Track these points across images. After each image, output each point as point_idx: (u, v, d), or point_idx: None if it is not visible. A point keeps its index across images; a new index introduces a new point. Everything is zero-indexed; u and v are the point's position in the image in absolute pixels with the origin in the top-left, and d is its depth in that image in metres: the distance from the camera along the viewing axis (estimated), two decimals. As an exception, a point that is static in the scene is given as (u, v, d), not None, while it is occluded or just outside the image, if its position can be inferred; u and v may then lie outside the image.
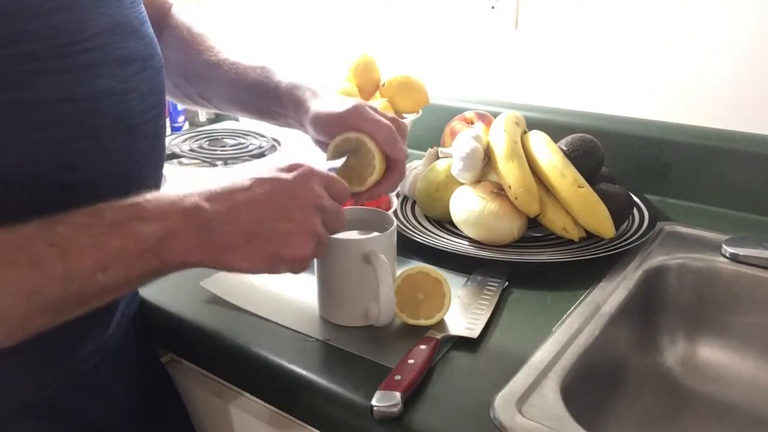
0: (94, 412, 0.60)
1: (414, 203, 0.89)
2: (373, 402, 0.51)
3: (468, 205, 0.77)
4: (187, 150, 1.14)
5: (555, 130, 0.86)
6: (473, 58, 1.11)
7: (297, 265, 0.50)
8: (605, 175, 0.84)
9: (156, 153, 0.58)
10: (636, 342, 0.73)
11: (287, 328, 0.63)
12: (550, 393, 0.53)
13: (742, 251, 0.73)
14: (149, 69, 0.56)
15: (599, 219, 0.75)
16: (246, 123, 1.27)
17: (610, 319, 0.64)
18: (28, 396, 0.54)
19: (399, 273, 0.63)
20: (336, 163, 0.58)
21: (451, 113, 1.03)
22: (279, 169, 0.51)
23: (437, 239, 0.79)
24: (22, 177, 0.47)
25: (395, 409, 0.50)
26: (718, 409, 0.70)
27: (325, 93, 0.62)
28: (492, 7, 1.05)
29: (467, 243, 0.78)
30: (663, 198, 0.94)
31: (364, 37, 1.23)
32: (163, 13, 0.74)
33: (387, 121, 0.59)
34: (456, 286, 0.68)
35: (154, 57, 0.57)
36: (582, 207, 0.75)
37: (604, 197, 0.76)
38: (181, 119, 1.31)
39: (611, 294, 0.69)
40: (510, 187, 0.75)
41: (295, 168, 0.51)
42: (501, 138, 0.79)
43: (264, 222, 0.47)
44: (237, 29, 1.42)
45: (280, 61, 0.68)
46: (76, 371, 0.57)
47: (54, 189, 0.48)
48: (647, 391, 0.72)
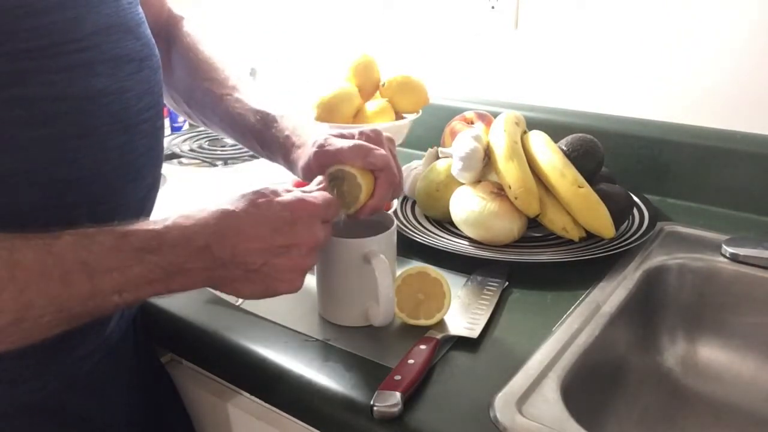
0: (93, 411, 0.60)
1: (414, 203, 0.89)
2: (373, 402, 0.51)
3: (468, 205, 0.77)
4: (187, 150, 1.14)
5: (555, 130, 0.86)
6: (473, 58, 1.11)
7: (287, 293, 0.54)
8: (605, 175, 0.84)
9: (154, 152, 0.58)
10: (636, 342, 0.73)
11: (287, 328, 0.63)
12: (550, 393, 0.53)
13: (742, 251, 0.74)
14: (146, 69, 0.56)
15: (599, 219, 0.75)
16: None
17: (610, 319, 0.64)
18: (27, 395, 0.54)
19: (399, 273, 0.63)
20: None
21: (451, 113, 1.03)
22: (283, 207, 0.51)
23: (437, 239, 0.79)
24: (18, 175, 0.47)
25: (395, 409, 0.50)
26: (718, 409, 0.70)
27: (309, 140, 0.63)
28: (492, 7, 1.05)
29: (467, 243, 0.78)
30: (663, 198, 0.94)
31: (364, 37, 1.23)
32: (172, 26, 0.74)
33: (350, 143, 0.59)
34: (456, 286, 0.68)
35: (151, 57, 0.57)
36: (582, 207, 0.75)
37: (604, 197, 0.76)
38: (181, 119, 1.31)
39: (611, 294, 0.69)
40: (510, 187, 0.75)
41: (300, 208, 0.52)
42: (501, 138, 0.79)
43: (266, 261, 0.51)
44: (237, 30, 1.41)
45: (279, 102, 0.68)
46: (75, 371, 0.57)
47: (51, 187, 0.49)
48: (647, 391, 0.72)
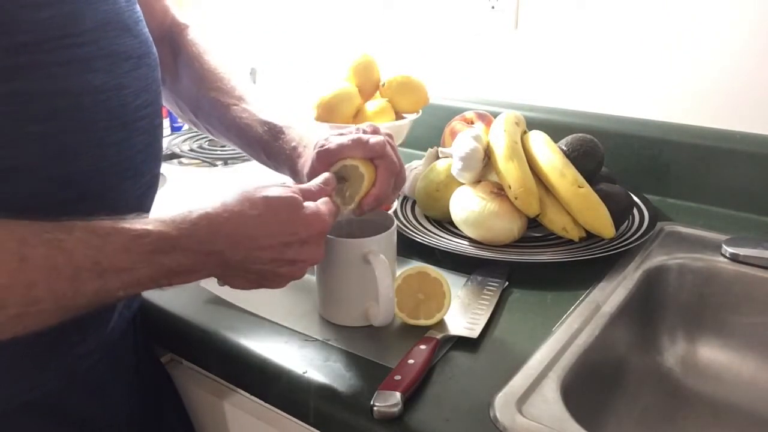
0: (93, 411, 0.60)
1: (414, 203, 0.89)
2: (373, 402, 0.51)
3: (468, 205, 0.77)
4: (187, 150, 1.14)
5: (555, 130, 0.86)
6: (473, 58, 1.11)
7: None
8: (605, 175, 0.84)
9: (152, 150, 0.58)
10: (636, 342, 0.73)
11: (287, 328, 0.63)
12: (550, 393, 0.53)
13: (742, 251, 0.73)
14: (144, 67, 0.56)
15: (599, 219, 0.75)
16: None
17: (610, 319, 0.64)
18: (27, 394, 0.54)
19: (399, 273, 0.63)
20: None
21: (451, 113, 1.03)
22: (300, 222, 0.52)
23: (437, 239, 0.79)
24: (15, 170, 0.47)
25: (395, 409, 0.50)
26: (718, 409, 0.70)
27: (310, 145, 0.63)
28: (492, 7, 1.05)
29: (467, 243, 0.78)
30: (663, 198, 0.94)
31: (364, 37, 1.23)
32: (176, 34, 0.74)
33: (349, 137, 0.60)
34: (456, 286, 0.68)
35: (148, 55, 0.57)
36: (582, 207, 0.75)
37: (604, 197, 0.76)
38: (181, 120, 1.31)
39: (611, 294, 0.69)
40: (510, 187, 0.75)
41: (312, 227, 0.53)
42: (501, 138, 0.79)
43: (271, 269, 0.53)
44: (237, 30, 1.41)
45: (285, 112, 0.69)
46: (75, 370, 0.57)
47: (48, 182, 0.49)
48: (647, 391, 0.72)
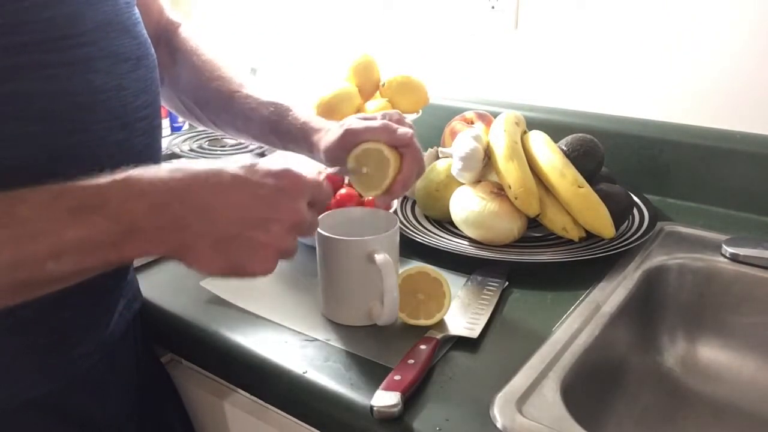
0: (93, 410, 0.60)
1: (414, 203, 0.89)
2: (373, 402, 0.51)
3: (468, 205, 0.77)
4: (187, 150, 1.14)
5: (555, 130, 0.86)
6: (473, 58, 1.11)
7: (257, 277, 0.48)
8: (605, 175, 0.84)
9: (152, 150, 0.58)
10: (636, 342, 0.73)
11: (287, 328, 0.63)
12: (550, 393, 0.53)
13: (742, 251, 0.73)
14: (143, 68, 0.56)
15: (599, 219, 0.75)
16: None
17: (610, 319, 0.64)
18: (26, 394, 0.54)
19: (399, 273, 0.63)
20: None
21: (451, 113, 1.03)
22: (268, 173, 0.47)
23: (437, 239, 0.79)
24: (16, 169, 0.47)
25: (395, 409, 0.50)
26: (718, 409, 0.70)
27: (329, 125, 0.64)
28: (492, 7, 1.05)
29: (467, 243, 0.78)
30: (663, 198, 0.94)
31: (364, 37, 1.23)
32: (171, 33, 0.74)
33: (377, 122, 0.61)
34: (456, 286, 0.68)
35: (147, 57, 0.58)
36: (582, 207, 0.75)
37: (604, 197, 0.76)
38: (182, 119, 1.31)
39: (611, 294, 0.69)
40: (510, 187, 0.75)
41: (285, 177, 0.48)
42: (501, 138, 0.79)
43: (240, 232, 0.45)
44: (237, 30, 1.41)
45: (286, 96, 0.69)
46: (75, 370, 0.57)
47: (48, 183, 0.48)
48: (647, 391, 0.72)
